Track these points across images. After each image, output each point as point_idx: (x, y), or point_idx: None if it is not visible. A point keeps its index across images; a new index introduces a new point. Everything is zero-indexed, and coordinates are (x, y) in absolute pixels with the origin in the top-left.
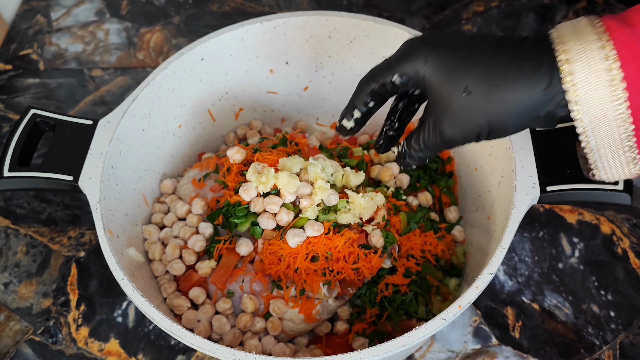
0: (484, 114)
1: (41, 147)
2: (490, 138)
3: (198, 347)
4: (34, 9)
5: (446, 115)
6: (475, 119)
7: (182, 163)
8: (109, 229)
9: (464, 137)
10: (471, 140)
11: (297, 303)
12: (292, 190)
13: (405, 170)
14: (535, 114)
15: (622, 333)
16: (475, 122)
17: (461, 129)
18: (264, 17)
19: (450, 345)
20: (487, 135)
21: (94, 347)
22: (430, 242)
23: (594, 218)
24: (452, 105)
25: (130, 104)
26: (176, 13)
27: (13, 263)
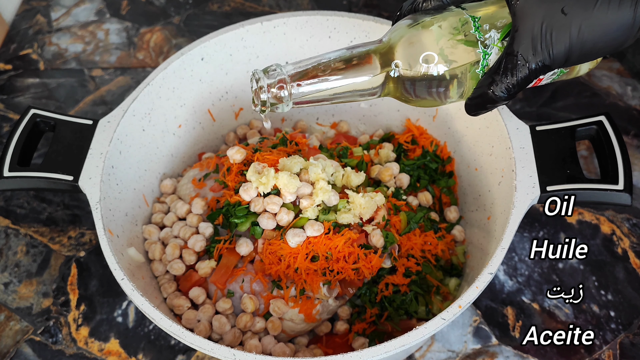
0: (580, 35)
1: (41, 147)
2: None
3: (198, 347)
4: (34, 9)
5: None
6: (569, 41)
7: (182, 163)
8: (109, 229)
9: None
10: (559, 65)
11: (297, 303)
12: (292, 190)
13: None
14: (631, 33)
15: (622, 333)
16: (569, 44)
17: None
18: (264, 17)
19: (450, 345)
20: (577, 58)
21: (94, 347)
22: (430, 242)
23: (594, 218)
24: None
25: (130, 104)
26: (176, 13)
27: (13, 263)
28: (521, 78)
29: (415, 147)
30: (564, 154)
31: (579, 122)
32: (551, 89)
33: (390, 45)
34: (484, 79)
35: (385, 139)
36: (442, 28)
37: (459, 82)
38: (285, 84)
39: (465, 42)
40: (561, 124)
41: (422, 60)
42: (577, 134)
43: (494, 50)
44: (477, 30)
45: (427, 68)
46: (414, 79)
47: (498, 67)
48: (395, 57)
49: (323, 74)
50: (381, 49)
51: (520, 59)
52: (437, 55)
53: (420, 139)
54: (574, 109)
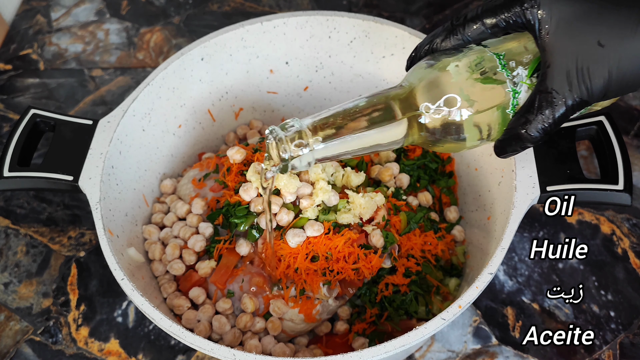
0: (620, 66)
1: (41, 147)
2: (618, 94)
3: (198, 347)
4: (34, 9)
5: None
6: (608, 74)
7: (182, 163)
8: (109, 229)
9: (595, 94)
10: (598, 99)
11: (297, 303)
12: (292, 191)
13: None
14: None
15: (622, 333)
16: (608, 77)
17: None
18: (264, 17)
19: (450, 345)
20: (617, 90)
21: (94, 347)
22: (430, 242)
23: (594, 218)
24: (583, 61)
25: (130, 104)
26: (176, 13)
27: (13, 263)
28: (558, 115)
29: (415, 147)
30: (564, 154)
31: (579, 122)
32: None
33: (411, 89)
34: (516, 120)
35: None
36: (464, 68)
37: (485, 124)
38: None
39: (491, 81)
40: None
41: (445, 103)
42: (577, 134)
43: (524, 88)
44: (504, 69)
45: (450, 112)
46: (438, 125)
47: (531, 106)
48: (417, 101)
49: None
50: (402, 94)
51: (555, 96)
52: (460, 97)
53: None
54: None
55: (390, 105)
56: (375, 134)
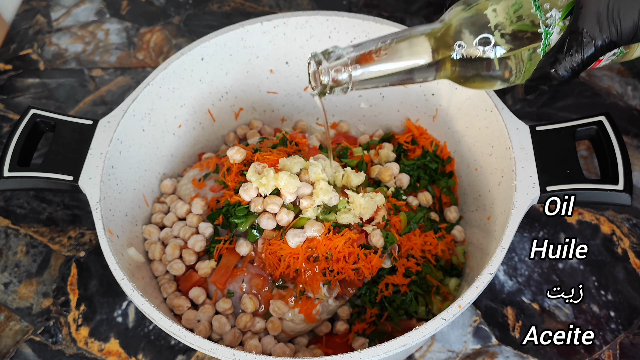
0: None
1: (41, 147)
2: None
3: (198, 347)
4: (34, 9)
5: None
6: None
7: (182, 163)
8: (109, 229)
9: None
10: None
11: (297, 303)
12: (292, 191)
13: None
14: None
15: (622, 333)
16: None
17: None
18: (264, 17)
19: (450, 345)
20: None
21: (94, 347)
22: (430, 242)
23: (594, 218)
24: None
25: (130, 104)
26: (176, 13)
27: (13, 263)
28: (587, 56)
29: (415, 147)
30: (564, 154)
31: (579, 122)
32: (551, 89)
33: (448, 27)
34: (547, 59)
35: (385, 139)
36: (500, 9)
37: (517, 63)
38: (346, 67)
39: (524, 22)
40: (561, 124)
41: (479, 42)
42: (577, 134)
43: (556, 30)
44: (537, 10)
45: (484, 51)
46: (472, 62)
47: (562, 46)
48: (453, 39)
49: (382, 56)
50: (438, 30)
51: (585, 36)
52: (495, 37)
53: (420, 139)
54: (574, 109)
55: (428, 40)
56: (410, 64)
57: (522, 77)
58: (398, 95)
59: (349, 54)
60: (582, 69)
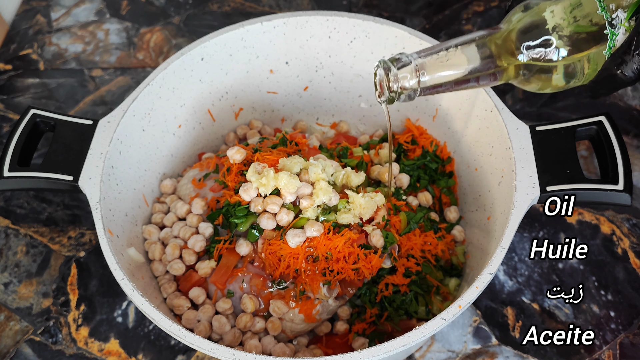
0: None
1: (41, 147)
2: None
3: (198, 347)
4: (34, 9)
5: None
6: None
7: (182, 163)
8: (109, 229)
9: None
10: None
11: (297, 303)
12: (292, 191)
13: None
14: None
15: (622, 333)
16: None
17: None
18: (264, 17)
19: (450, 345)
20: None
21: (94, 347)
22: (430, 242)
23: (594, 218)
24: None
25: (130, 104)
26: (176, 13)
27: (13, 263)
28: None
29: (415, 147)
30: (564, 154)
31: (579, 122)
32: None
33: (509, 30)
34: (613, 60)
35: (385, 139)
36: (562, 10)
37: (580, 64)
38: (414, 73)
39: (587, 23)
40: (561, 124)
41: (541, 44)
42: (577, 134)
43: (621, 30)
44: (603, 10)
45: (547, 53)
46: (535, 65)
47: (628, 47)
48: (515, 42)
49: (448, 62)
50: (500, 35)
51: None
52: (556, 39)
53: (420, 139)
54: (574, 109)
55: (490, 45)
56: (476, 68)
57: (585, 78)
58: None
59: (415, 60)
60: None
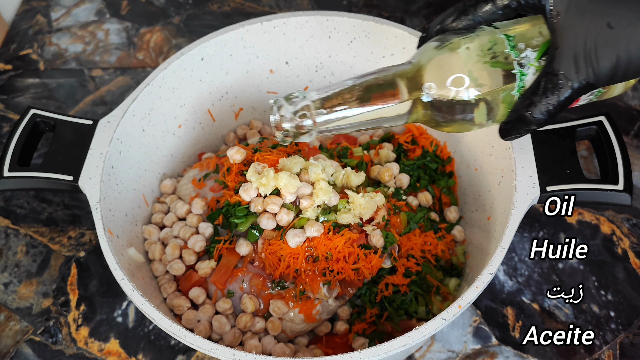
0: (628, 50)
1: (41, 147)
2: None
3: (198, 347)
4: (34, 9)
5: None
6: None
7: (182, 163)
8: (109, 229)
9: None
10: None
11: (297, 303)
12: (292, 191)
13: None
14: None
15: (622, 333)
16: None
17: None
18: (264, 17)
19: (450, 345)
20: (623, 75)
21: (94, 347)
22: (430, 242)
23: (594, 218)
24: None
25: (130, 104)
26: (176, 13)
27: (13, 263)
28: (563, 98)
29: (415, 147)
30: (564, 154)
31: (579, 122)
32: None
33: (419, 68)
34: (521, 101)
35: (385, 139)
36: (474, 49)
37: (491, 105)
38: (310, 112)
39: (499, 63)
40: (561, 124)
41: (452, 83)
42: (577, 134)
43: (531, 70)
44: (512, 50)
45: (457, 92)
46: (444, 104)
47: (537, 88)
48: (424, 80)
49: (348, 101)
50: (409, 72)
51: (562, 78)
52: (468, 78)
53: (420, 139)
54: (574, 109)
55: (397, 82)
56: (379, 110)
57: (497, 119)
58: None
59: (312, 98)
60: (559, 112)
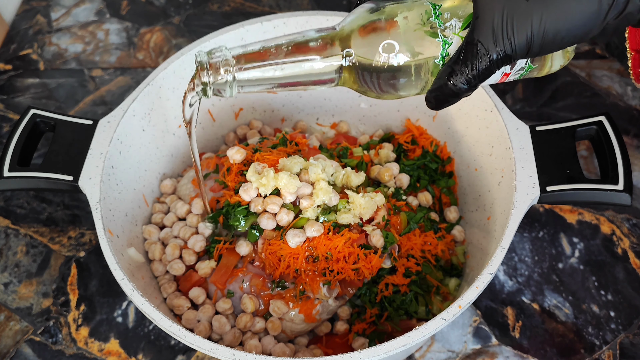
0: (542, 23)
1: (41, 147)
2: (542, 52)
3: (198, 347)
4: (34, 9)
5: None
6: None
7: (182, 163)
8: (109, 229)
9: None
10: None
11: (297, 303)
12: (292, 191)
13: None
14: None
15: (622, 333)
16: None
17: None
18: (264, 17)
19: (450, 345)
20: (539, 48)
21: (94, 347)
22: (430, 242)
23: (594, 218)
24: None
25: (130, 104)
26: (176, 13)
27: (13, 263)
28: (482, 68)
29: (415, 147)
30: (564, 154)
31: (579, 122)
32: (551, 89)
33: (348, 31)
34: (444, 70)
35: (385, 139)
36: (404, 16)
37: (418, 74)
38: (230, 67)
39: (427, 32)
40: (561, 124)
41: (381, 49)
42: (577, 134)
43: (455, 40)
44: (437, 18)
45: (387, 58)
46: (372, 70)
47: (458, 57)
48: (351, 44)
49: (272, 58)
50: (338, 35)
51: (480, 48)
52: (397, 44)
53: (420, 139)
54: (574, 109)
55: (325, 43)
56: (303, 68)
57: (423, 88)
58: None
59: (235, 53)
60: (479, 82)
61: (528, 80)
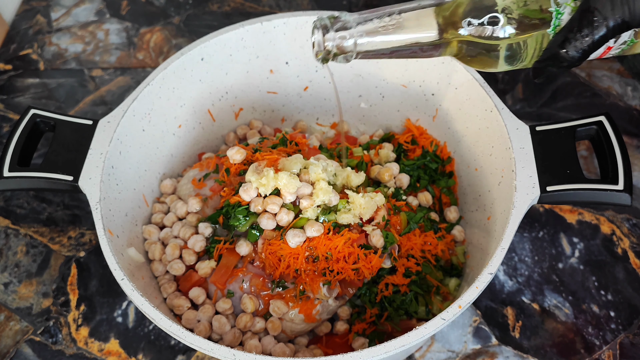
0: None
1: (41, 147)
2: None
3: (198, 347)
4: (34, 9)
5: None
6: None
7: (182, 163)
8: (109, 229)
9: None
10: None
11: (297, 303)
12: (292, 191)
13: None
14: None
15: (622, 333)
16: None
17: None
18: (264, 17)
19: (450, 345)
20: None
21: (94, 347)
22: (430, 242)
23: (594, 218)
24: None
25: (130, 104)
26: (176, 13)
27: (13, 263)
28: (598, 36)
29: (415, 147)
30: (564, 154)
31: (579, 122)
32: (551, 89)
33: (458, 3)
34: (556, 39)
35: (385, 139)
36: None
37: (526, 44)
38: (352, 35)
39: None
40: (561, 124)
41: (489, 20)
42: (577, 134)
43: (567, 10)
44: None
45: (494, 30)
46: (479, 40)
47: (572, 26)
48: (462, 16)
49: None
50: (448, 7)
51: (597, 15)
52: (505, 15)
53: (420, 139)
54: (574, 109)
55: (435, 15)
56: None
57: (530, 59)
58: (398, 95)
59: (356, 21)
60: (592, 50)
61: (528, 80)
